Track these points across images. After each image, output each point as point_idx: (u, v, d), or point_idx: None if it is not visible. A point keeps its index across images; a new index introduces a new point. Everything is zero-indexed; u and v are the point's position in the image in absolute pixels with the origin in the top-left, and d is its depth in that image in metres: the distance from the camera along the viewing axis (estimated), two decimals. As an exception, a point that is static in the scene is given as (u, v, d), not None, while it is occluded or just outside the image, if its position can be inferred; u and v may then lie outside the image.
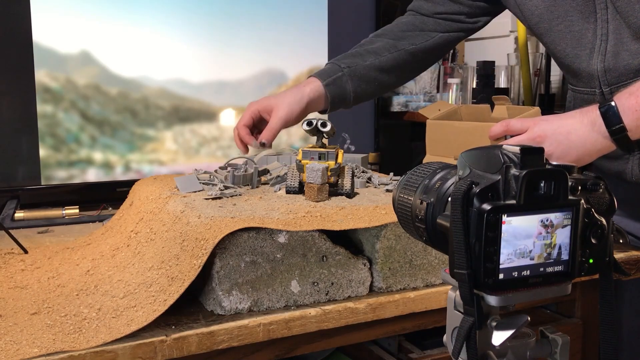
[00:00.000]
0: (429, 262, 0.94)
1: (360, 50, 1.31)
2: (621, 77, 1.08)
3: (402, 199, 0.60)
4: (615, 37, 1.08)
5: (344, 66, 1.26)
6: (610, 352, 0.58)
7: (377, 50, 1.30)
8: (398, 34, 1.32)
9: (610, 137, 0.95)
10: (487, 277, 0.49)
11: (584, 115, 0.98)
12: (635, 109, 0.93)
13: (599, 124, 0.96)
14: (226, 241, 0.80)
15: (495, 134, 1.05)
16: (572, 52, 1.15)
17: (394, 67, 1.31)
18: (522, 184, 0.49)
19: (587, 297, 1.13)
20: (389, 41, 1.31)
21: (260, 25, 1.69)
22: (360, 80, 1.28)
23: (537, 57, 2.05)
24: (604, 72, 1.10)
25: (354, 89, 1.27)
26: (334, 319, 0.85)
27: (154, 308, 0.77)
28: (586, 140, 0.97)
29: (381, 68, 1.29)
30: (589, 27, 1.11)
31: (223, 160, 1.49)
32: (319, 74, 1.26)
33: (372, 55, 1.29)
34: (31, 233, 1.28)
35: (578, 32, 1.12)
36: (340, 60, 1.28)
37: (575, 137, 0.97)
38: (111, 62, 1.52)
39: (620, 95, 0.96)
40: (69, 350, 0.71)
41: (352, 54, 1.30)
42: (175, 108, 1.59)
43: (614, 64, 1.09)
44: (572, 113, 1.00)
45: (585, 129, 0.97)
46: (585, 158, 0.99)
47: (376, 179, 1.15)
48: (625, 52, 1.07)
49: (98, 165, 1.51)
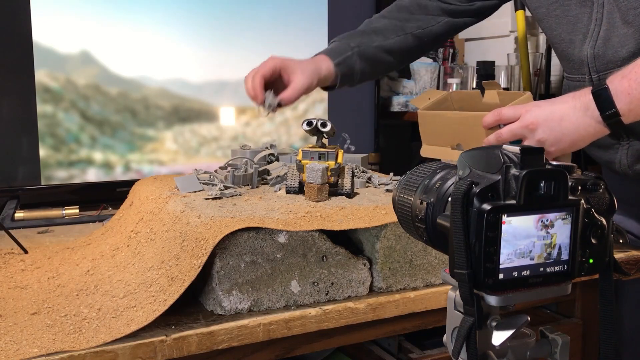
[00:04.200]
0: (429, 262, 0.93)
1: (366, 30, 1.30)
2: (609, 64, 1.08)
3: (402, 199, 0.60)
4: (608, 21, 1.08)
5: (354, 45, 1.26)
6: (610, 352, 0.58)
7: (384, 32, 1.29)
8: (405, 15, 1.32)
9: (603, 121, 0.94)
10: (487, 277, 0.49)
11: (577, 100, 0.96)
12: (628, 92, 0.92)
13: (592, 109, 0.94)
14: (226, 241, 0.80)
15: (488, 123, 1.04)
16: (567, 37, 1.15)
17: (400, 50, 1.31)
18: (522, 184, 0.49)
19: (587, 297, 1.13)
20: (396, 23, 1.31)
21: (260, 25, 1.69)
22: (367, 61, 1.27)
23: (537, 57, 2.05)
24: (593, 58, 1.10)
25: (361, 69, 1.27)
26: (334, 319, 0.85)
27: (154, 308, 0.77)
28: (579, 125, 0.95)
29: (388, 50, 1.29)
30: (585, 12, 1.11)
31: (223, 160, 1.49)
32: (329, 52, 1.25)
33: (379, 36, 1.28)
34: (31, 233, 1.28)
35: (574, 16, 1.12)
36: (348, 39, 1.27)
37: (568, 124, 0.96)
38: (111, 62, 1.52)
39: (613, 78, 0.94)
40: (69, 350, 0.71)
41: (360, 33, 1.29)
42: (175, 108, 1.59)
43: (603, 51, 1.09)
44: (564, 98, 0.99)
45: (578, 114, 0.95)
46: (579, 143, 0.98)
47: (376, 179, 1.15)
48: (615, 38, 1.07)
49: (98, 165, 1.51)
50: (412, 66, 2.21)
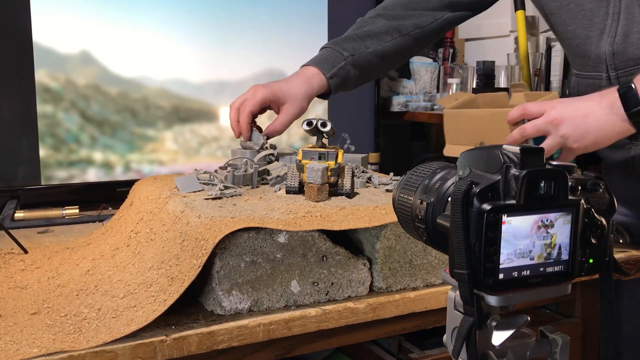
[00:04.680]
0: (429, 262, 0.93)
1: (360, 34, 1.25)
2: (629, 62, 1.07)
3: (402, 199, 0.60)
4: (627, 15, 1.06)
5: (347, 54, 1.22)
6: (610, 352, 0.58)
7: (378, 35, 1.24)
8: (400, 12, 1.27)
9: (628, 119, 0.94)
10: (487, 277, 0.49)
11: (603, 98, 0.96)
12: None
13: (618, 107, 0.94)
14: (226, 241, 0.80)
15: (512, 118, 1.04)
16: (582, 32, 1.12)
17: (395, 53, 1.27)
18: (522, 184, 0.49)
19: (587, 297, 1.13)
20: (391, 23, 1.26)
21: (260, 25, 1.69)
22: (362, 68, 1.24)
23: (537, 57, 2.05)
24: (612, 55, 1.08)
25: (355, 77, 1.24)
26: (334, 319, 0.85)
27: (154, 308, 0.77)
28: (605, 123, 0.95)
29: (383, 55, 1.25)
30: (602, 5, 1.08)
31: (223, 160, 1.48)
32: (321, 64, 1.21)
33: (374, 41, 1.24)
34: (31, 233, 1.28)
35: (590, 10, 1.10)
36: (340, 46, 1.23)
37: (593, 120, 0.95)
38: (111, 62, 1.52)
39: None
40: (69, 350, 0.71)
41: (353, 37, 1.25)
42: (175, 108, 1.59)
43: (623, 48, 1.07)
44: (591, 96, 0.99)
45: (604, 111, 0.95)
46: (604, 141, 0.97)
47: (376, 179, 1.15)
48: (635, 34, 1.05)
49: (98, 165, 1.51)
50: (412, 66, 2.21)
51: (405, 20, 1.26)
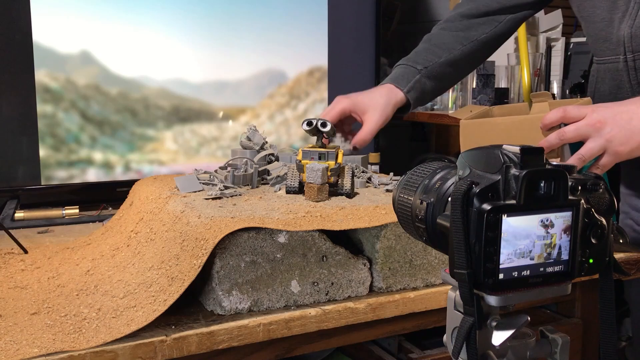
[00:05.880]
0: (429, 262, 0.93)
1: (430, 47, 1.27)
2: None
3: (402, 199, 0.60)
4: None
5: (421, 68, 1.23)
6: (610, 352, 0.58)
7: (448, 45, 1.26)
8: (465, 23, 1.29)
9: None
10: (487, 277, 0.49)
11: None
12: None
13: None
14: (226, 241, 0.80)
15: (550, 122, 1.02)
16: (607, 15, 1.12)
17: (467, 61, 1.29)
18: (522, 183, 0.49)
19: (587, 297, 1.13)
20: (459, 33, 1.28)
21: (260, 25, 1.69)
22: (436, 79, 1.25)
23: (537, 57, 2.05)
24: (630, 37, 1.08)
25: (431, 89, 1.25)
26: (334, 319, 0.85)
27: (154, 308, 0.77)
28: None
29: (454, 63, 1.27)
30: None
31: (223, 160, 1.49)
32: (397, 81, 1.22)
33: (445, 51, 1.26)
34: (31, 233, 1.28)
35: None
36: (414, 61, 1.25)
37: (637, 123, 0.94)
38: (111, 62, 1.52)
39: None
40: (69, 350, 0.71)
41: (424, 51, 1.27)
42: (175, 108, 1.59)
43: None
44: (633, 100, 0.98)
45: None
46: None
47: (376, 179, 1.15)
48: None
49: (98, 165, 1.51)
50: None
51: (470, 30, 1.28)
